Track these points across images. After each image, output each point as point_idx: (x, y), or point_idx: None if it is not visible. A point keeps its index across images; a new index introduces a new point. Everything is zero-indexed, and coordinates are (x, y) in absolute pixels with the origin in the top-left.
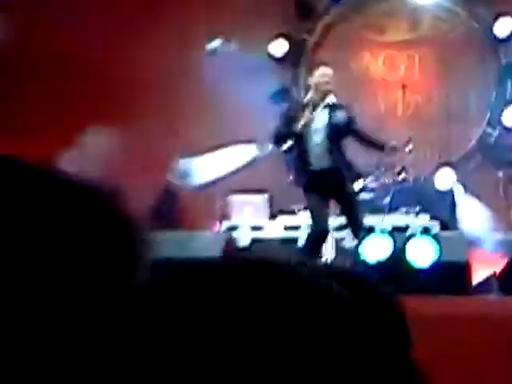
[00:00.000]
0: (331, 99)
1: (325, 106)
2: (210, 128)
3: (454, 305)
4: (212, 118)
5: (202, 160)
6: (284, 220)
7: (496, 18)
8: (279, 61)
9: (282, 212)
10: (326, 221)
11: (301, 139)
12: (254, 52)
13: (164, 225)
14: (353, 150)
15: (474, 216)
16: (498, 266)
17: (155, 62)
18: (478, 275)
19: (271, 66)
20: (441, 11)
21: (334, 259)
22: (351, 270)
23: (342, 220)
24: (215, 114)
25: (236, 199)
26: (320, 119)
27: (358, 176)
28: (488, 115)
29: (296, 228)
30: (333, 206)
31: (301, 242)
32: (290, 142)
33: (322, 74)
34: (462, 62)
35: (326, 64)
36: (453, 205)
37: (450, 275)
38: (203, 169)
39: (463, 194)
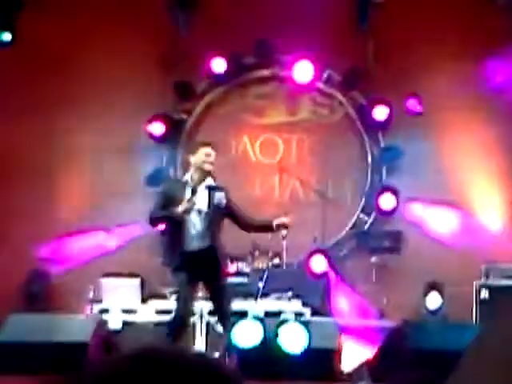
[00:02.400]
0: (210, 181)
1: (205, 187)
2: (84, 209)
3: None
4: (86, 199)
5: (73, 242)
6: (155, 304)
7: (373, 104)
8: (157, 141)
9: (154, 296)
10: (189, 305)
11: (177, 220)
12: (132, 131)
13: (34, 307)
14: (228, 233)
15: (346, 302)
16: (370, 353)
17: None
18: (350, 362)
19: (149, 146)
20: (319, 96)
21: (206, 344)
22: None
23: None
24: (89, 195)
25: (107, 282)
26: (199, 200)
27: (231, 260)
28: (363, 201)
29: (167, 312)
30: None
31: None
32: (165, 223)
33: (206, 153)
34: (340, 146)
35: (208, 144)
36: (325, 291)
37: (321, 361)
38: (75, 251)
39: (336, 280)
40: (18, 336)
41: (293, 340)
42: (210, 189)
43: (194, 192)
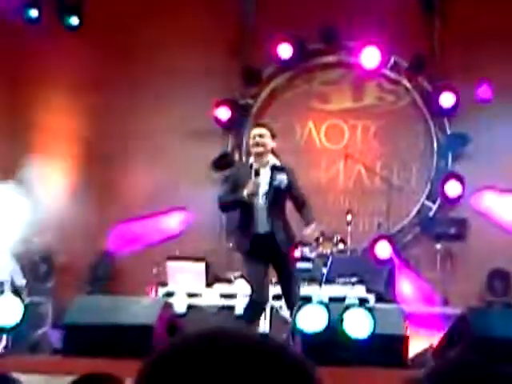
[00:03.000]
0: (274, 162)
1: (269, 169)
2: (152, 192)
3: (390, 377)
4: (153, 183)
5: (140, 225)
6: (220, 288)
7: (440, 91)
8: (223, 126)
9: (219, 280)
10: (265, 290)
11: (246, 202)
12: (199, 117)
13: (99, 289)
14: (291, 218)
15: (410, 289)
16: (434, 340)
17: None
18: (414, 348)
19: (215, 131)
20: (385, 82)
21: (270, 328)
22: (271, 340)
23: (280, 289)
24: (156, 179)
25: (173, 265)
26: (263, 182)
27: (296, 245)
28: (428, 188)
29: (232, 296)
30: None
31: (237, 310)
32: (233, 208)
33: (253, 135)
34: (406, 132)
35: (257, 125)
36: (390, 277)
37: (385, 348)
38: (141, 234)
39: (400, 267)
40: (84, 318)
41: (358, 326)
42: (273, 170)
43: (257, 174)
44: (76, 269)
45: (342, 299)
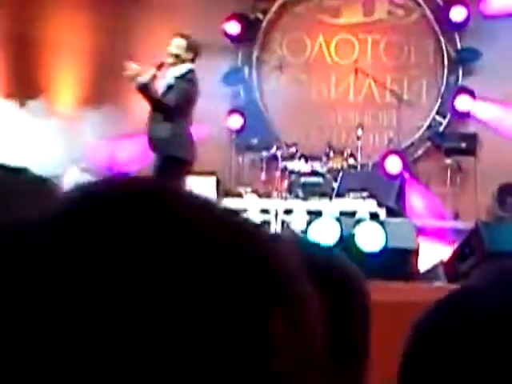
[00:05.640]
0: (182, 71)
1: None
2: None
3: (401, 290)
4: None
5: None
6: (230, 202)
7: (450, 5)
8: (233, 40)
9: (229, 194)
10: None
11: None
12: (209, 31)
13: None
14: (302, 133)
15: (420, 203)
16: (444, 254)
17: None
18: (425, 262)
19: (225, 45)
20: None
21: None
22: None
23: (290, 204)
24: None
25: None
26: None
27: (306, 160)
28: (438, 103)
29: (242, 211)
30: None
31: None
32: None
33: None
34: (416, 47)
35: (178, 35)
36: (400, 191)
37: (397, 261)
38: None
39: (410, 181)
40: None
41: (369, 239)
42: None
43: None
44: None
45: (353, 213)
